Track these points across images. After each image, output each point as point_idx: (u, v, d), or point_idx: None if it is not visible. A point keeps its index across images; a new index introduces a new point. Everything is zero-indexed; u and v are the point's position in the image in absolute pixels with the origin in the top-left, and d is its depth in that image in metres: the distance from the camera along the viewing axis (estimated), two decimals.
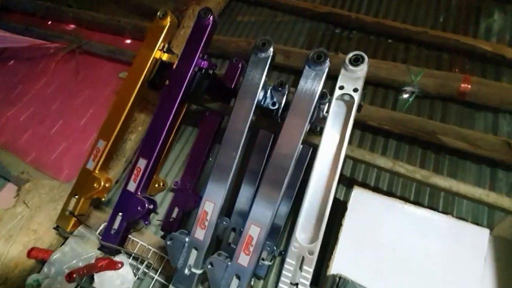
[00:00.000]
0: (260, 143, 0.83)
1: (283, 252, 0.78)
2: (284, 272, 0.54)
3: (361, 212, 0.72)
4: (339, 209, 0.77)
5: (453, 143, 0.82)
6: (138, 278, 0.80)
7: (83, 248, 0.69)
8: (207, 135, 0.94)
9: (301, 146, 0.70)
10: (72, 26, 1.56)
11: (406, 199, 0.73)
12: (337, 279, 0.60)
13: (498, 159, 0.81)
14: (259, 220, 0.56)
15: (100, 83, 1.37)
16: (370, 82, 1.03)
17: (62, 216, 0.74)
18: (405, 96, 0.99)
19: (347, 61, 0.56)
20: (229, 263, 0.56)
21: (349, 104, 0.56)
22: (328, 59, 0.58)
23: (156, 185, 0.96)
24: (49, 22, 1.60)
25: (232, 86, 0.90)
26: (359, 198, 0.74)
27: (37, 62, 1.53)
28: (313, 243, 0.52)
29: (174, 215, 0.89)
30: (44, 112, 1.37)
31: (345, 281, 0.60)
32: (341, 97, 0.57)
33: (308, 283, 0.52)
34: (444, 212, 0.77)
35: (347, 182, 0.88)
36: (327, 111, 0.65)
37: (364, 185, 0.86)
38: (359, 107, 0.57)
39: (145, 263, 0.79)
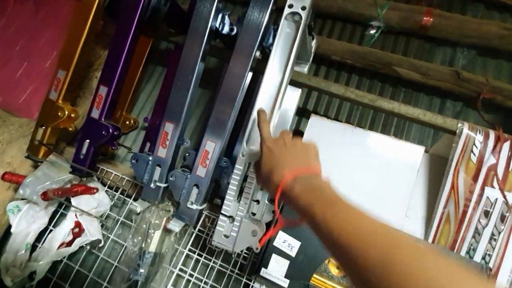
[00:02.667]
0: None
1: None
2: (232, 181, 0.60)
3: (316, 136, 0.79)
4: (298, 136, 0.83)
5: (407, 74, 0.86)
6: (114, 204, 0.87)
7: (55, 173, 0.74)
8: (174, 71, 0.94)
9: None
10: None
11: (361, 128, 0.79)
12: None
13: (447, 89, 0.86)
14: (214, 136, 0.60)
15: (61, 22, 1.29)
16: (338, 18, 1.03)
17: (32, 146, 0.77)
18: (372, 32, 1.00)
19: None
20: (188, 175, 0.63)
21: (297, 24, 0.57)
22: None
23: (127, 123, 0.99)
24: None
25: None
26: (315, 124, 0.80)
27: None
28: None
29: (146, 149, 0.94)
30: (6, 55, 1.30)
31: None
32: (290, 17, 0.58)
33: (252, 187, 0.59)
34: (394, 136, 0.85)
35: (309, 114, 0.93)
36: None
37: (326, 117, 0.92)
38: (310, 29, 0.59)
39: (120, 189, 0.86)
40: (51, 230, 0.83)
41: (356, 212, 0.34)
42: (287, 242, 0.65)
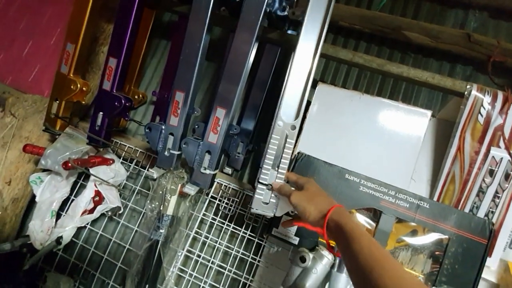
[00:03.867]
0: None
1: (256, 147, 0.88)
2: (269, 150, 0.62)
3: (323, 104, 0.79)
4: (307, 109, 0.84)
5: (417, 38, 0.84)
6: (129, 176, 0.92)
7: (73, 144, 0.77)
8: (180, 42, 0.93)
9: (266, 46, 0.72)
10: None
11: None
12: (296, 154, 0.71)
13: (457, 53, 0.85)
14: (223, 103, 0.62)
15: None
16: None
17: (48, 119, 0.80)
18: None
19: None
20: (200, 142, 0.65)
21: None
22: None
23: (136, 97, 1.00)
24: None
25: None
26: (322, 92, 0.80)
27: None
28: (295, 120, 0.61)
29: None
30: (11, 34, 1.30)
31: (302, 155, 0.70)
32: None
33: (289, 155, 0.61)
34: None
35: (316, 83, 0.93)
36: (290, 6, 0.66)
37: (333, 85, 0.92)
38: None
39: (134, 161, 0.89)
40: (72, 200, 0.88)
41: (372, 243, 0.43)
42: None
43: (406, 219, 0.66)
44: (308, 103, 0.80)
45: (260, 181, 0.62)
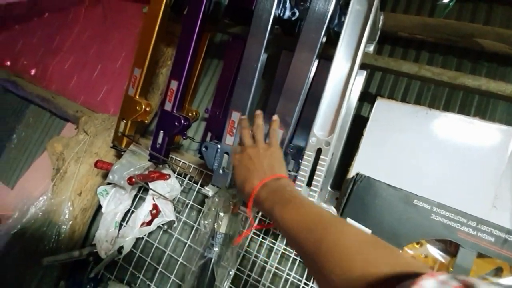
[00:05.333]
0: (283, 63, 0.84)
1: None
2: (302, 167, 0.60)
3: (383, 120, 0.74)
4: (360, 125, 0.79)
5: (492, 46, 0.75)
6: (183, 191, 0.95)
7: (136, 160, 0.83)
8: (232, 62, 0.97)
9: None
10: None
11: None
12: (355, 176, 0.67)
13: None
14: (282, 123, 0.61)
15: (127, 25, 1.42)
16: None
17: (116, 137, 0.88)
18: (445, 0, 0.89)
19: None
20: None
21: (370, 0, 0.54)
22: None
23: (190, 114, 1.05)
24: None
25: (253, 7, 0.89)
26: (381, 107, 0.75)
27: (67, 11, 1.60)
28: (329, 136, 0.58)
29: (207, 139, 0.99)
30: (84, 58, 1.48)
31: (362, 176, 0.66)
32: None
33: (323, 173, 0.59)
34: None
35: (371, 98, 0.88)
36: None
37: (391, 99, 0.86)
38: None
39: (188, 176, 0.93)
40: (133, 211, 0.94)
41: (302, 207, 0.41)
42: None
43: (490, 255, 0.57)
44: (365, 119, 0.76)
45: None
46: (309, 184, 0.60)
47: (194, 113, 1.06)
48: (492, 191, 0.65)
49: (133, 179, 0.76)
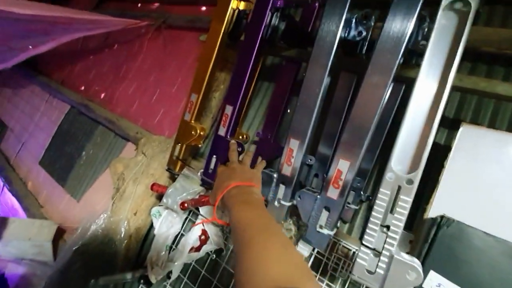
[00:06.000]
0: (342, 85, 0.78)
1: (370, 197, 0.76)
2: (376, 207, 0.53)
3: (469, 151, 0.62)
4: (438, 154, 0.68)
5: None
6: None
7: (189, 185, 0.83)
8: (285, 85, 0.94)
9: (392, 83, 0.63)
10: (156, 4, 1.74)
11: None
12: (439, 219, 0.56)
13: None
14: (347, 154, 0.54)
15: (184, 53, 1.51)
16: None
17: (171, 161, 0.90)
18: None
19: None
20: (318, 196, 0.58)
21: (462, 14, 0.46)
22: None
23: (240, 137, 1.04)
24: (139, 5, 1.82)
25: (309, 29, 0.86)
26: (467, 135, 0.63)
27: (133, 43, 1.78)
28: (412, 173, 0.49)
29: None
30: (144, 84, 1.62)
31: (449, 220, 0.54)
32: (450, 6, 0.47)
33: (404, 216, 0.50)
34: None
35: (450, 123, 0.76)
36: (425, 38, 0.56)
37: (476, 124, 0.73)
38: (476, 17, 0.46)
39: None
40: (182, 235, 0.94)
41: (256, 210, 0.50)
42: (441, 287, 0.52)
43: None
44: (447, 148, 0.65)
45: (364, 243, 0.53)
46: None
47: (244, 136, 1.05)
48: None
49: (186, 204, 0.76)
